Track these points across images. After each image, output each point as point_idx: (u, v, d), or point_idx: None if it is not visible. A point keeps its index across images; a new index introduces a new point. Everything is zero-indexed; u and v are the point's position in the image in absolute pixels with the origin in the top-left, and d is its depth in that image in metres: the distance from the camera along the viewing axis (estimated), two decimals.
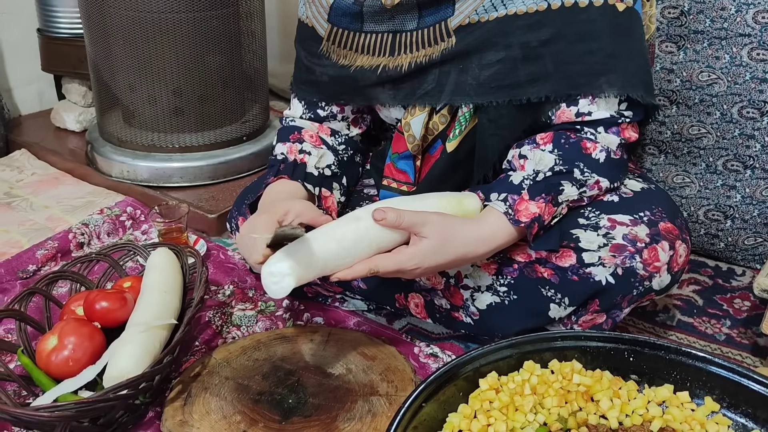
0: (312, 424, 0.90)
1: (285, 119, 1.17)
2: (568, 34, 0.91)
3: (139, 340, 0.94)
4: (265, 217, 0.89)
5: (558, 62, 0.92)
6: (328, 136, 1.14)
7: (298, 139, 1.11)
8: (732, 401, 0.80)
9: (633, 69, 0.93)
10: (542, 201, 0.91)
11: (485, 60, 0.95)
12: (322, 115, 1.14)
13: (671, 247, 0.93)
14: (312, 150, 1.10)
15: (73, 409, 0.83)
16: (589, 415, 0.79)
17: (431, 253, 0.85)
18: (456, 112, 1.00)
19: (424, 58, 0.97)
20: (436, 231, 0.85)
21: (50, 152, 1.79)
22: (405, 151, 1.06)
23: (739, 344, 1.15)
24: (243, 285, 1.28)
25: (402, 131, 1.05)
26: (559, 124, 0.97)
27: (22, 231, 1.45)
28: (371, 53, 1.02)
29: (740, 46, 1.21)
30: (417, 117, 1.02)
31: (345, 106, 1.13)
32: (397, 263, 0.84)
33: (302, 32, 1.11)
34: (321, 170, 1.09)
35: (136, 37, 1.49)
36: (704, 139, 1.30)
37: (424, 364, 1.07)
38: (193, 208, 1.47)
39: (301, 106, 1.15)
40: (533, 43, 0.92)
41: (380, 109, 1.09)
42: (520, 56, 0.93)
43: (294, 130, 1.13)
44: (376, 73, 1.01)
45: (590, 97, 0.93)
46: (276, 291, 0.80)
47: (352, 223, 0.85)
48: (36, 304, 1.12)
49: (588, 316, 0.98)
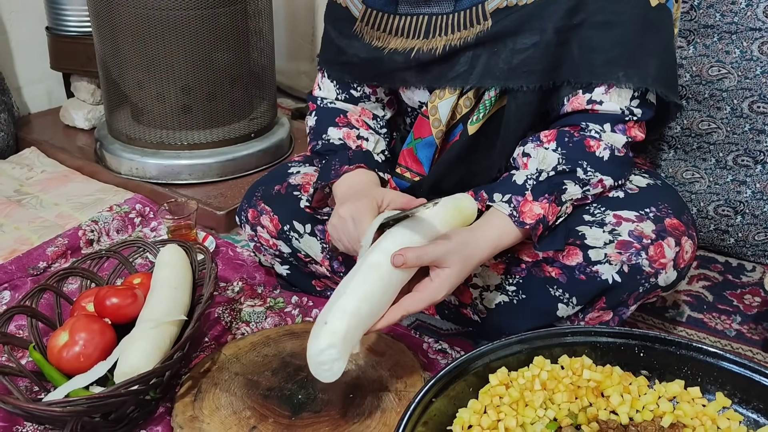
0: (322, 420, 0.91)
1: (321, 100, 1.14)
2: (598, 22, 0.90)
3: (149, 337, 0.95)
4: (367, 204, 0.89)
5: (583, 48, 0.92)
6: (370, 119, 1.13)
7: (347, 124, 1.10)
8: (743, 397, 0.80)
9: (656, 65, 0.92)
10: (546, 201, 0.91)
11: (519, 44, 0.93)
12: (356, 96, 1.12)
13: (677, 243, 0.92)
14: (368, 136, 1.09)
15: (84, 404, 0.83)
16: (600, 410, 0.78)
17: (455, 278, 0.86)
18: (482, 96, 0.99)
19: (459, 41, 0.96)
20: (457, 259, 0.85)
21: (59, 150, 1.80)
22: (428, 137, 1.04)
23: (749, 340, 1.15)
24: (252, 281, 1.28)
25: (427, 115, 1.03)
26: (564, 117, 0.97)
27: (33, 228, 1.46)
28: (405, 36, 1.00)
29: (751, 40, 1.21)
30: (445, 100, 1.00)
31: (378, 88, 1.12)
32: (427, 302, 0.85)
33: (335, 12, 1.09)
34: (379, 157, 1.09)
35: (144, 34, 1.50)
36: (714, 134, 1.29)
37: (433, 360, 1.07)
38: (201, 205, 1.48)
39: (334, 87, 1.13)
40: (565, 28, 0.91)
41: (404, 91, 1.07)
42: (553, 41, 0.92)
43: (338, 112, 1.11)
44: (409, 56, 0.99)
45: (605, 87, 0.93)
46: (327, 377, 0.79)
47: (373, 273, 0.82)
48: (47, 300, 1.12)
49: (594, 314, 0.98)
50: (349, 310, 0.79)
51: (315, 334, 0.79)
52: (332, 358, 0.78)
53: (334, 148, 1.08)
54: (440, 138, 1.04)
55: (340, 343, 0.78)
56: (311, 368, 0.79)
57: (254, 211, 1.15)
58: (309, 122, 1.14)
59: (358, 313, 0.79)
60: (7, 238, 1.43)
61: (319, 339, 0.78)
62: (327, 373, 0.79)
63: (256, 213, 1.15)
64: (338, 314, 0.79)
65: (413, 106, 1.10)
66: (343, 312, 0.79)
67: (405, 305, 0.84)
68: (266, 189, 1.16)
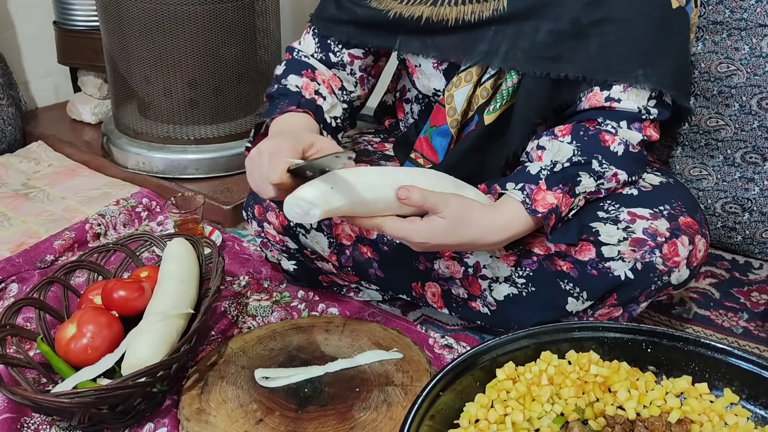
0: (328, 413, 0.91)
1: (296, 51, 1.11)
2: (619, 20, 0.90)
3: (156, 329, 0.95)
4: (290, 143, 0.84)
5: (602, 45, 0.91)
6: (337, 87, 1.10)
7: (312, 78, 1.06)
8: (751, 393, 0.79)
9: (673, 67, 0.92)
10: (559, 191, 0.90)
11: (534, 28, 0.92)
12: (333, 60, 1.09)
13: (691, 241, 0.92)
14: (327, 96, 1.06)
15: (92, 395, 0.84)
16: (607, 405, 0.78)
17: (442, 233, 0.84)
18: (499, 86, 0.99)
19: (472, 15, 0.95)
20: (453, 213, 0.84)
21: (66, 144, 1.81)
22: (443, 125, 1.03)
23: (756, 337, 1.15)
24: (258, 276, 1.29)
25: (443, 104, 1.02)
26: (581, 112, 0.96)
27: (40, 222, 1.47)
28: (409, 2, 0.98)
29: (760, 36, 1.20)
30: (461, 89, 0.99)
31: (356, 59, 1.09)
32: (405, 233, 0.84)
33: None
34: (331, 120, 1.06)
35: (152, 29, 1.50)
36: (722, 131, 1.29)
37: (439, 355, 1.07)
38: (208, 199, 1.48)
39: (315, 44, 1.09)
40: (583, 21, 0.91)
41: (419, 77, 1.06)
42: (567, 31, 0.91)
43: (307, 66, 1.07)
44: (419, 24, 0.97)
45: (624, 85, 0.92)
46: (297, 217, 0.78)
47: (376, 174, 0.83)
48: (54, 293, 1.13)
49: (605, 310, 0.97)
50: (340, 181, 0.78)
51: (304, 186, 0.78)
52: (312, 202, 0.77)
53: (287, 92, 1.04)
54: (455, 128, 1.03)
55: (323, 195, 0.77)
56: (286, 204, 0.78)
57: (260, 207, 1.15)
58: (276, 71, 1.10)
59: (344, 187, 0.78)
60: (15, 231, 1.43)
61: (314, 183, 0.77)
62: (297, 214, 0.78)
63: (261, 209, 1.15)
64: (331, 174, 0.78)
65: (427, 93, 1.08)
66: (335, 175, 0.78)
67: (384, 220, 0.83)
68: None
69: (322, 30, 1.09)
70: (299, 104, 1.00)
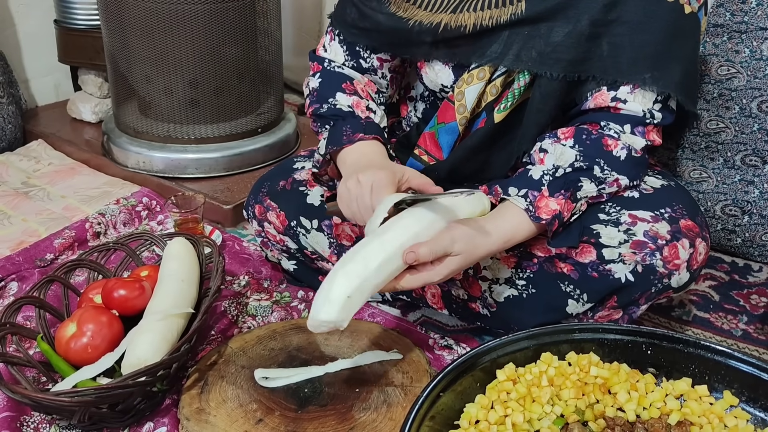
0: (328, 413, 0.91)
1: (328, 62, 1.09)
2: (631, 21, 0.90)
3: (156, 329, 0.95)
4: (388, 176, 0.87)
5: (613, 46, 0.91)
6: (374, 93, 1.10)
7: (355, 92, 1.07)
8: (751, 395, 0.79)
9: (681, 72, 0.93)
10: (562, 197, 0.90)
11: (552, 30, 0.92)
12: (365, 66, 1.09)
13: (691, 244, 0.92)
14: (376, 109, 1.07)
15: (92, 394, 0.84)
16: (607, 407, 0.78)
17: (458, 265, 0.87)
18: (510, 84, 0.99)
19: (490, 20, 0.95)
20: (463, 247, 0.86)
21: (66, 143, 1.80)
22: (452, 122, 1.03)
23: (755, 340, 1.15)
24: (258, 276, 1.28)
25: (452, 100, 1.02)
26: (586, 112, 0.96)
27: (40, 220, 1.47)
28: (431, 9, 0.99)
29: (761, 39, 1.20)
30: (473, 86, 0.99)
31: (385, 63, 1.09)
32: (424, 280, 0.86)
33: None
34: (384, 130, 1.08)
35: (152, 28, 1.50)
36: (722, 134, 1.29)
37: (439, 356, 1.07)
38: (208, 199, 1.48)
39: (343, 52, 1.09)
40: (600, 22, 0.91)
41: (426, 72, 1.06)
42: (585, 33, 0.91)
43: (345, 78, 1.07)
44: (436, 31, 0.98)
45: (631, 86, 0.92)
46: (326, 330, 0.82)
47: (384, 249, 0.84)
48: (54, 292, 1.13)
49: (604, 312, 0.98)
50: (354, 284, 0.80)
51: (319, 301, 0.81)
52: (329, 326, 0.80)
53: (341, 114, 1.05)
54: (464, 125, 1.03)
55: (339, 313, 0.80)
56: (310, 328, 0.82)
57: (261, 207, 1.15)
58: (311, 83, 1.10)
59: (360, 288, 0.81)
60: (15, 229, 1.43)
61: (320, 311, 0.80)
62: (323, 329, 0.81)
63: (262, 209, 1.15)
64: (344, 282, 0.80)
65: (434, 89, 1.08)
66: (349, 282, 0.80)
67: (399, 283, 0.85)
68: (272, 185, 1.16)
69: (348, 37, 1.08)
70: (365, 129, 1.01)
